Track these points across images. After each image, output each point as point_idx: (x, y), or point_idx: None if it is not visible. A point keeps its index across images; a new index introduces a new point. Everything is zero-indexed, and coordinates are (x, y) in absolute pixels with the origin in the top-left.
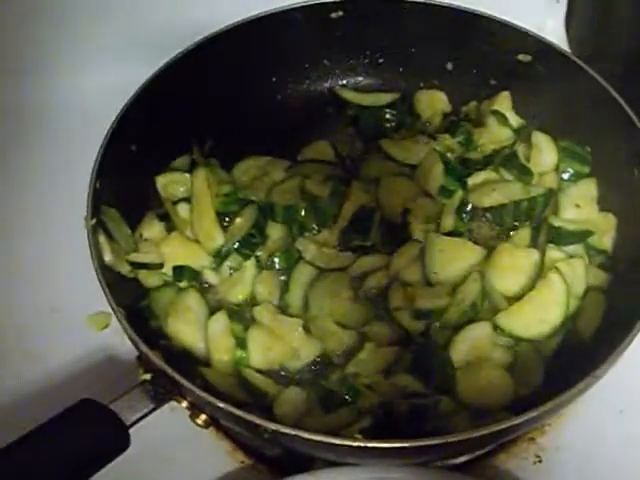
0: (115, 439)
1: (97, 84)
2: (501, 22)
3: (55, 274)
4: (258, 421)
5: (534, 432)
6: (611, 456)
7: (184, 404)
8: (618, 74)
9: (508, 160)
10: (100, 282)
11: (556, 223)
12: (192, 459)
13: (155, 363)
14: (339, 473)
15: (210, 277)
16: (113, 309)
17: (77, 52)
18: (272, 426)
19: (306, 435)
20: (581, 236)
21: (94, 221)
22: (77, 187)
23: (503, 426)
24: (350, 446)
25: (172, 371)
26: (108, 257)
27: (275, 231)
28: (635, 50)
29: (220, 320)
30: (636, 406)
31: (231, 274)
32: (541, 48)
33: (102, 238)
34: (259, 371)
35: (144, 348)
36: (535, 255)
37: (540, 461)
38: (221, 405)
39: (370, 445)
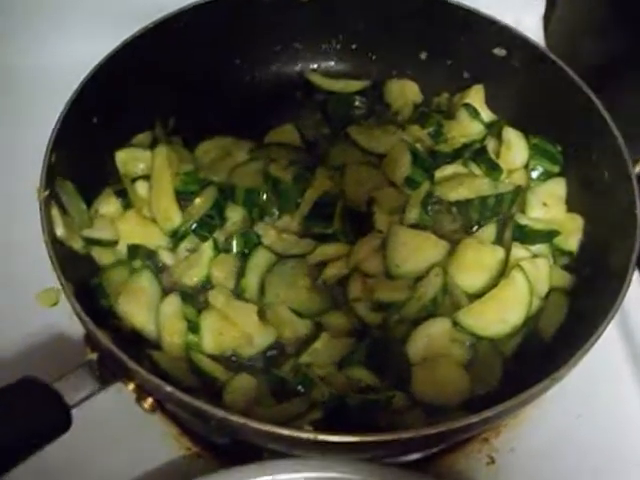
0: (56, 419)
1: (61, 54)
2: (478, 14)
3: (4, 247)
4: (206, 407)
5: (488, 432)
6: (565, 461)
7: (131, 387)
8: (595, 74)
9: (477, 154)
10: (50, 256)
11: (523, 221)
12: (136, 444)
13: (102, 343)
14: (288, 464)
15: (165, 257)
16: (62, 285)
17: (42, 22)
18: (220, 413)
19: (254, 424)
20: (547, 236)
21: (47, 193)
22: (34, 158)
23: (457, 425)
24: (299, 438)
25: (119, 351)
26: (60, 231)
27: (235, 214)
28: (612, 50)
29: (173, 302)
30: (594, 411)
31: (187, 256)
32: (517, 43)
33: (55, 211)
34: (211, 356)
35: (91, 326)
36: (500, 252)
37: (493, 462)
38: (168, 389)
39: (320, 438)
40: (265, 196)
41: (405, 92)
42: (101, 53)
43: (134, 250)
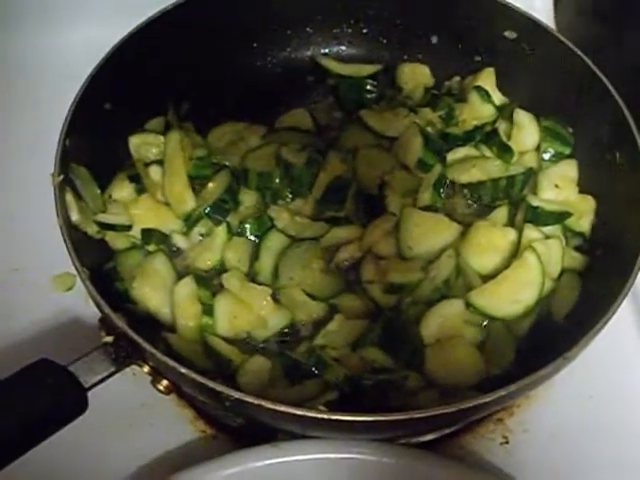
0: (72, 401)
1: (76, 40)
2: None
3: (20, 232)
4: (220, 389)
5: (502, 413)
6: (578, 441)
7: (146, 369)
8: (604, 56)
9: (489, 137)
10: (65, 241)
11: (534, 203)
12: (152, 426)
13: (117, 325)
14: (302, 446)
15: (179, 241)
16: (77, 269)
17: (55, 7)
18: (235, 394)
19: (269, 405)
20: (559, 217)
21: (61, 178)
22: (48, 144)
23: (471, 404)
24: (313, 418)
25: (134, 334)
26: (75, 216)
27: (248, 197)
28: (622, 32)
29: (187, 285)
30: (605, 392)
31: (201, 240)
32: (528, 25)
33: (69, 196)
34: (225, 339)
35: (106, 309)
36: (512, 234)
37: (507, 442)
38: (183, 371)
39: (334, 417)
40: (278, 180)
41: (416, 75)
42: (115, 38)
43: (148, 234)
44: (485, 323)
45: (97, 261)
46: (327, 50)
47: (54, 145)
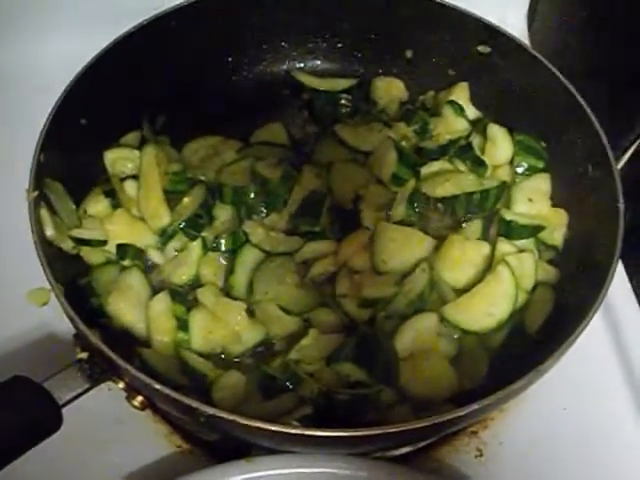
0: (47, 418)
1: (51, 54)
2: (463, 12)
3: None
4: (195, 405)
5: (476, 426)
6: (552, 453)
7: (121, 385)
8: (578, 71)
9: (463, 151)
10: (39, 257)
11: (508, 217)
12: (127, 442)
13: (91, 342)
14: (277, 461)
15: (155, 256)
16: (51, 285)
17: (31, 21)
18: (209, 410)
19: (243, 421)
20: (532, 231)
21: (36, 194)
22: (23, 159)
23: (444, 418)
24: (287, 433)
25: (108, 350)
26: (50, 232)
27: (223, 212)
28: (594, 47)
29: (162, 300)
30: (579, 404)
31: (176, 255)
32: (501, 40)
33: (44, 212)
34: (200, 354)
35: (81, 326)
36: (485, 248)
37: (481, 455)
38: (157, 387)
39: (307, 433)
40: (253, 195)
41: (391, 90)
42: (87, 51)
43: (123, 249)
44: (459, 337)
45: (72, 276)
46: (302, 64)
47: (28, 160)
